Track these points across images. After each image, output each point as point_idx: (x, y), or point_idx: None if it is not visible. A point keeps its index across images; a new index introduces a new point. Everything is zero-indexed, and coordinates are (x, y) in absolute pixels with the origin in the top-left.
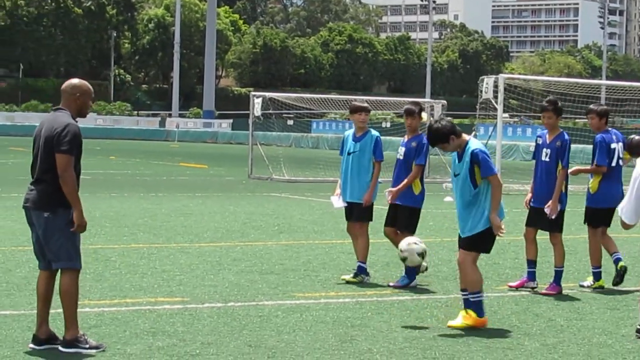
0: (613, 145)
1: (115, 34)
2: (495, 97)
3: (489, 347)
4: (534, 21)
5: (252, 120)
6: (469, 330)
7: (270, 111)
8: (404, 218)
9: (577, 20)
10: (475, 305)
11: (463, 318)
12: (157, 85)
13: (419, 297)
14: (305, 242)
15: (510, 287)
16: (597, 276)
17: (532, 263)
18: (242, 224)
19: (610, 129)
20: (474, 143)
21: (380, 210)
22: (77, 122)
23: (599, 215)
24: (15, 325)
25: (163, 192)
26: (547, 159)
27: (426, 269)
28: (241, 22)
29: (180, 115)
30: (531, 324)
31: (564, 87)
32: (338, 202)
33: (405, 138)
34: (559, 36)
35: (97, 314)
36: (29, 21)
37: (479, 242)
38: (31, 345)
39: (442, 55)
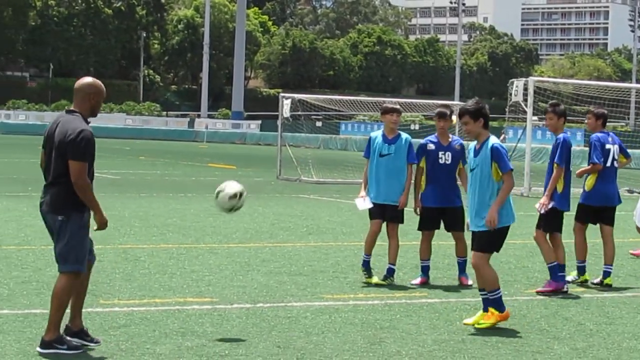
0: (608, 146)
1: (144, 35)
2: (525, 100)
3: (518, 351)
4: (564, 24)
5: (281, 122)
6: (498, 334)
7: (299, 112)
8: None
9: (607, 23)
10: (495, 302)
11: (485, 318)
12: (186, 86)
13: (448, 300)
14: (333, 243)
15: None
16: (581, 270)
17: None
18: (270, 225)
19: (606, 130)
20: (494, 139)
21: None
22: (89, 122)
23: (589, 212)
24: (44, 324)
25: (192, 193)
26: (549, 160)
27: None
28: (270, 23)
29: (209, 116)
30: (560, 327)
31: (594, 90)
32: (363, 203)
33: (439, 141)
34: (589, 39)
35: (127, 313)
36: (59, 21)
37: (488, 242)
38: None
39: (471, 58)
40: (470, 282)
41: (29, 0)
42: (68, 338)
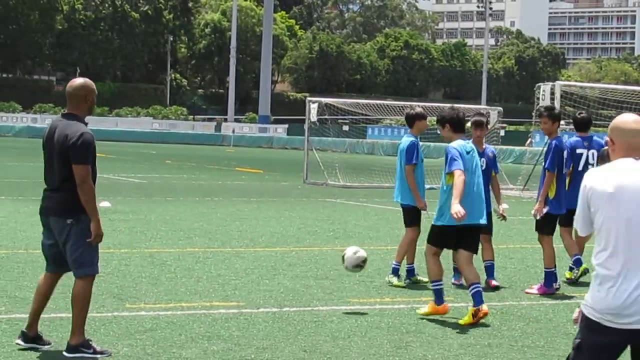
0: (579, 150)
1: (171, 39)
2: (552, 104)
3: (544, 355)
4: (591, 28)
5: (308, 126)
6: (524, 338)
7: (326, 116)
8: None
9: (634, 27)
10: (435, 293)
11: (429, 307)
12: (213, 90)
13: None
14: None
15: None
16: (578, 263)
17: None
18: (297, 229)
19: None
20: (454, 143)
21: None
22: (87, 123)
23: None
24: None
25: (218, 197)
26: (543, 164)
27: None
28: (297, 27)
29: (236, 120)
30: None
31: (621, 95)
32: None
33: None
34: (616, 43)
35: (153, 317)
36: (86, 25)
37: (430, 235)
38: (18, 341)
39: (498, 62)
40: (497, 284)
41: (56, 4)
42: (92, 342)
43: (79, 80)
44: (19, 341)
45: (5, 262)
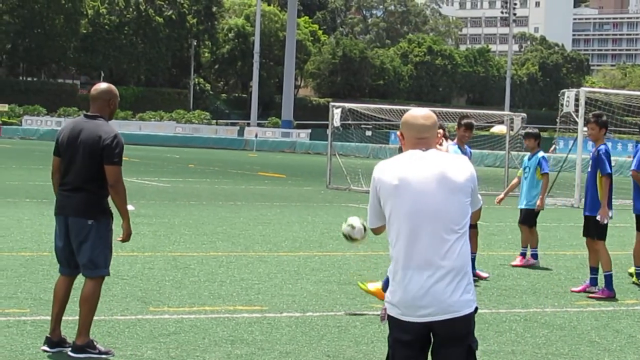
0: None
1: (195, 43)
2: (576, 110)
3: None
4: (615, 34)
5: (331, 131)
6: (548, 345)
7: (350, 122)
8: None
9: None
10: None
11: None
12: (236, 94)
13: (497, 311)
14: (383, 253)
15: (572, 291)
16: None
17: (593, 270)
18: (320, 234)
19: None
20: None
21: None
22: None
23: None
24: (95, 331)
25: (241, 201)
26: (589, 169)
27: None
28: (320, 32)
29: (259, 125)
30: (611, 340)
31: None
32: None
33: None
34: None
35: (176, 321)
36: (110, 29)
37: None
38: (44, 348)
39: (521, 68)
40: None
41: (81, 8)
42: (96, 342)
43: (103, 85)
44: (45, 347)
45: (30, 264)
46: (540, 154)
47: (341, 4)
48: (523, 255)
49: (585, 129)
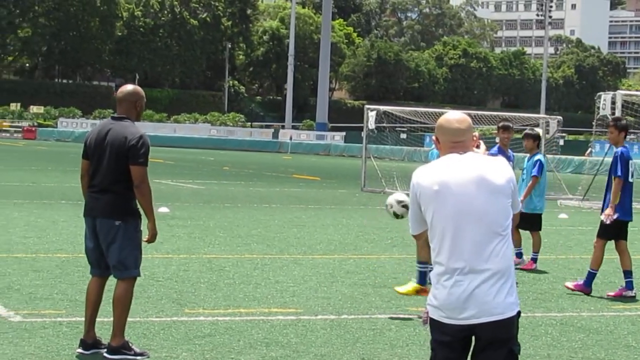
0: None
1: (230, 46)
2: (613, 113)
3: None
4: None
5: (366, 133)
6: (585, 349)
7: (384, 124)
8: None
9: None
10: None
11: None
12: (271, 97)
13: (533, 314)
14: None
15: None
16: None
17: (627, 273)
18: (355, 236)
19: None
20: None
21: None
22: None
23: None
24: (130, 332)
25: (276, 204)
26: (609, 172)
27: None
28: (355, 35)
29: (293, 127)
30: None
31: None
32: None
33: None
34: None
35: (211, 323)
36: (145, 32)
37: None
38: (79, 350)
39: (557, 71)
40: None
41: (116, 11)
42: (132, 344)
43: (129, 86)
44: (80, 350)
45: (66, 265)
46: (538, 156)
47: (376, 7)
48: (533, 259)
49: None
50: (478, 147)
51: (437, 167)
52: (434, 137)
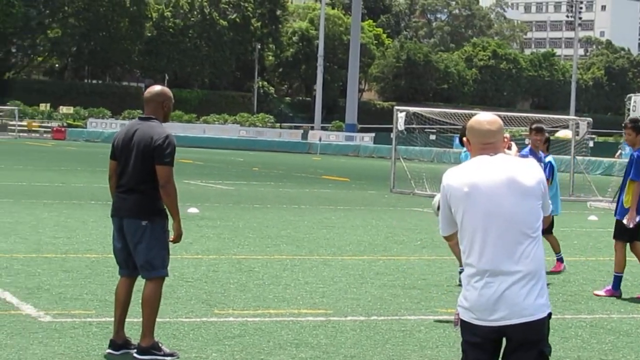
0: None
1: (259, 46)
2: None
3: None
4: None
5: (395, 135)
6: (615, 351)
7: (414, 125)
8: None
9: None
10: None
11: None
12: (300, 98)
13: (563, 316)
14: (448, 258)
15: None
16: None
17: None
18: (384, 238)
19: None
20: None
21: None
22: None
23: None
24: (160, 333)
25: (306, 204)
26: (623, 174)
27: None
28: (385, 36)
29: (323, 128)
30: None
31: None
32: None
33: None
34: None
35: (241, 323)
36: (174, 32)
37: None
38: (109, 350)
39: (587, 72)
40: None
41: (146, 11)
42: (161, 344)
43: (157, 87)
44: (110, 350)
45: (95, 266)
46: (549, 158)
47: (405, 8)
48: (560, 260)
49: None
50: (509, 148)
51: (467, 169)
52: (465, 139)
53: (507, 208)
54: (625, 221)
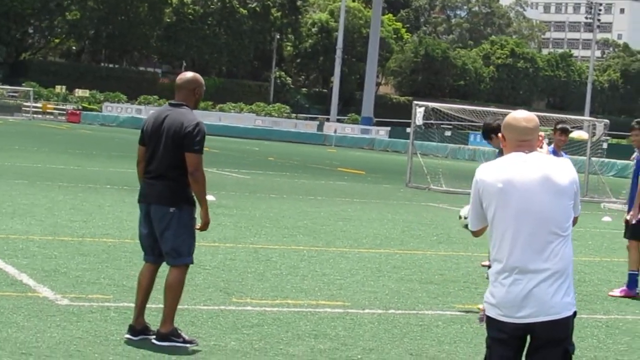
0: None
1: (278, 36)
2: None
3: None
4: None
5: (413, 129)
6: (631, 352)
7: (432, 121)
8: None
9: None
10: None
11: None
12: (317, 89)
13: (579, 316)
14: (464, 253)
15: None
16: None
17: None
18: (400, 232)
19: None
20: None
21: None
22: None
23: None
24: (178, 320)
25: (322, 196)
26: (633, 174)
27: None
28: (404, 30)
29: (338, 120)
30: None
31: None
32: None
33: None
34: None
35: (259, 313)
36: (194, 19)
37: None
38: (127, 336)
39: (603, 74)
40: None
41: None
42: (180, 331)
43: (189, 74)
44: (129, 335)
45: (112, 251)
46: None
47: (425, 3)
48: None
49: None
50: (541, 147)
51: (502, 165)
52: (500, 135)
53: (540, 206)
54: (628, 217)
